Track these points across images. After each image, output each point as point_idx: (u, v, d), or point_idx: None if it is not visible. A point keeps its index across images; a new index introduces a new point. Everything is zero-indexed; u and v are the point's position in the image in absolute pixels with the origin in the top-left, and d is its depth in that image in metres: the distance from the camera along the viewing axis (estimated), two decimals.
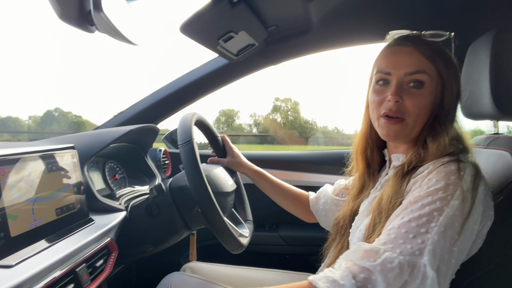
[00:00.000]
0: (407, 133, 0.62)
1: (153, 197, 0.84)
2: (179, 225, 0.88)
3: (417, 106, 0.59)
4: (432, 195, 0.52)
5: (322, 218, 0.93)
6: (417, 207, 0.52)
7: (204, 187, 0.75)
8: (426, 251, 0.48)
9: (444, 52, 0.63)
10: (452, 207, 0.50)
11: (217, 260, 1.07)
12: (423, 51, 0.60)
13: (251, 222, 1.00)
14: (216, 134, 1.06)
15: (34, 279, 0.50)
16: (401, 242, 0.50)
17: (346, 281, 0.49)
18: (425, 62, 0.60)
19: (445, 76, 0.61)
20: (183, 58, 9.68)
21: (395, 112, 0.60)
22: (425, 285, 0.47)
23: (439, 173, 0.54)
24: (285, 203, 1.01)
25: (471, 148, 0.62)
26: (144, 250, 0.87)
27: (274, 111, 5.92)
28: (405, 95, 0.60)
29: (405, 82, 0.60)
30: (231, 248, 0.80)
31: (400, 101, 0.60)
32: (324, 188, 0.96)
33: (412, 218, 0.51)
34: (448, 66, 0.62)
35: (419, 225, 0.50)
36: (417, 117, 0.60)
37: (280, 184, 1.02)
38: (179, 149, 0.78)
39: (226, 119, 5.68)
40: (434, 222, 0.50)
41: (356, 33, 1.10)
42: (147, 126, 1.04)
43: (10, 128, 4.51)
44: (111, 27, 0.58)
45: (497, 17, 0.94)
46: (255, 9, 0.83)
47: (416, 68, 0.59)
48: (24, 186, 0.59)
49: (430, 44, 0.62)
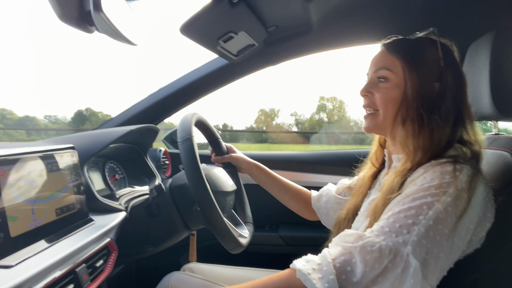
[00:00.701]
0: (379, 124, 0.67)
1: (153, 197, 0.84)
2: (179, 226, 0.88)
3: (382, 98, 0.65)
4: (425, 190, 0.52)
5: (323, 216, 0.93)
6: (408, 200, 0.53)
7: (203, 185, 0.75)
8: (410, 241, 0.49)
9: (414, 47, 0.65)
10: (444, 203, 0.51)
11: (217, 261, 1.07)
12: (390, 48, 0.66)
13: (251, 224, 1.00)
14: (216, 135, 1.06)
15: (34, 279, 0.50)
16: (387, 230, 0.51)
17: (323, 260, 0.51)
18: (390, 58, 0.65)
19: (409, 70, 0.63)
20: (183, 59, 9.62)
21: (366, 106, 0.68)
22: (407, 274, 0.47)
23: (434, 172, 0.54)
24: (285, 198, 1.02)
25: (480, 155, 0.61)
26: (144, 251, 0.87)
27: (320, 110, 5.86)
28: (374, 90, 0.67)
29: (376, 79, 0.67)
30: (230, 248, 0.80)
31: (369, 95, 0.67)
32: (327, 187, 0.96)
33: (402, 210, 0.52)
34: (417, 60, 0.63)
35: (407, 216, 0.51)
36: (385, 108, 0.65)
37: (280, 179, 1.02)
38: (178, 146, 0.78)
39: (265, 118, 5.63)
40: (422, 215, 0.50)
41: (356, 33, 1.10)
42: (147, 126, 1.04)
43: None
44: (111, 28, 0.59)
45: (497, 17, 0.94)
46: (255, 10, 0.83)
47: (380, 65, 0.66)
48: (24, 186, 0.59)
49: (400, 41, 0.67)
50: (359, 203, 0.74)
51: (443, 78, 0.62)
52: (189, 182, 0.76)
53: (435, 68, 0.63)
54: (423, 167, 0.58)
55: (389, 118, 0.65)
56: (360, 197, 0.76)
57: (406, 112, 0.62)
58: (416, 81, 0.62)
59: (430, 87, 0.62)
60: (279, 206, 1.08)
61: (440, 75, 0.63)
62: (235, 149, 1.07)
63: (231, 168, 1.05)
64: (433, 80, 0.63)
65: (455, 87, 0.63)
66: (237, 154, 1.05)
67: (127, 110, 1.32)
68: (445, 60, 0.63)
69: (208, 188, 0.75)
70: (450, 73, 0.63)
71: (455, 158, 0.57)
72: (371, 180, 0.77)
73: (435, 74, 0.63)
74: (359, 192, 0.78)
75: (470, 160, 0.58)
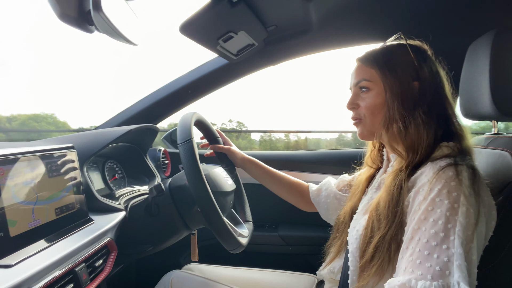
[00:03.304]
0: (369, 129, 0.69)
1: (152, 197, 0.84)
2: (178, 225, 0.88)
3: (367, 107, 0.68)
4: (439, 207, 0.51)
5: (323, 210, 0.94)
6: (429, 224, 0.51)
7: (203, 186, 0.75)
8: (454, 268, 0.47)
9: (385, 54, 0.68)
10: (463, 215, 0.50)
11: (217, 260, 1.07)
12: (364, 61, 0.69)
13: (251, 223, 1.00)
14: (216, 134, 1.06)
15: (33, 278, 0.50)
16: (428, 266, 0.49)
17: None
18: (367, 69, 0.68)
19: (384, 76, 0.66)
20: (182, 59, 9.41)
21: (353, 117, 0.72)
22: None
23: (438, 181, 0.54)
24: (281, 191, 1.03)
25: (471, 149, 0.62)
26: (144, 250, 0.87)
27: None
28: (358, 101, 0.70)
29: (358, 90, 0.70)
30: (230, 248, 0.80)
31: (356, 107, 0.70)
32: (327, 181, 0.97)
33: (430, 238, 0.50)
34: (390, 65, 0.66)
35: (439, 243, 0.50)
36: (371, 115, 0.68)
37: (275, 172, 1.04)
38: (178, 148, 0.78)
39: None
40: (451, 235, 0.49)
41: (355, 33, 1.10)
42: (147, 126, 1.04)
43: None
44: (110, 27, 0.59)
45: (497, 17, 0.94)
46: (255, 9, 0.83)
47: (359, 77, 0.69)
48: (23, 186, 0.59)
49: (372, 52, 0.70)
50: (356, 204, 0.75)
51: (420, 76, 0.65)
52: (190, 184, 0.76)
53: (409, 69, 0.65)
54: (420, 170, 0.58)
55: (377, 122, 0.68)
56: (357, 198, 0.76)
57: (390, 114, 0.64)
58: (393, 84, 0.65)
59: (408, 87, 0.64)
60: (279, 206, 1.08)
61: (416, 74, 0.65)
62: (231, 143, 1.09)
63: (230, 166, 1.06)
64: (410, 80, 0.65)
65: (434, 82, 0.65)
66: (233, 147, 1.07)
67: (127, 110, 1.31)
68: (418, 59, 0.65)
69: (208, 189, 0.75)
70: (426, 70, 0.65)
71: (453, 159, 0.57)
72: (368, 181, 0.78)
73: (411, 74, 0.65)
74: (356, 193, 0.78)
75: (465, 157, 0.59)
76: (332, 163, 1.36)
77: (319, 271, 0.82)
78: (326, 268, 0.78)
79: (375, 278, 0.58)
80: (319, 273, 0.82)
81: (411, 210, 0.56)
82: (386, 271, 0.57)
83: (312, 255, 1.30)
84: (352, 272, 0.62)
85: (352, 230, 0.66)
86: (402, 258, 0.54)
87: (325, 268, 0.79)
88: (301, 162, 1.39)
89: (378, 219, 0.60)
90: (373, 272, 0.57)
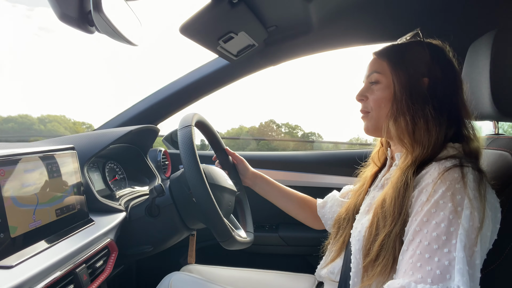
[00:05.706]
0: (375, 124, 0.70)
1: (153, 197, 0.84)
2: (178, 226, 0.88)
3: (375, 99, 0.69)
4: (443, 209, 0.51)
5: (328, 221, 0.93)
6: (431, 227, 0.51)
7: (197, 168, 0.74)
8: (455, 272, 0.47)
9: (400, 49, 0.69)
10: (466, 218, 0.50)
11: (217, 261, 1.07)
12: (378, 54, 0.71)
13: (252, 234, 0.98)
14: (216, 134, 1.06)
15: (34, 279, 0.50)
16: (428, 269, 0.48)
17: None
18: (380, 62, 0.69)
19: (395, 69, 0.67)
20: (183, 59, 9.54)
21: (361, 110, 0.72)
22: None
23: (443, 183, 0.53)
24: (290, 207, 1.02)
25: (479, 152, 0.61)
26: (144, 251, 0.87)
27: None
28: (367, 93, 0.71)
29: (368, 83, 0.71)
30: (222, 238, 0.77)
31: (364, 99, 0.71)
32: (332, 194, 0.97)
33: (431, 240, 0.50)
34: (402, 60, 0.66)
35: (440, 246, 0.49)
36: (378, 108, 0.69)
37: (285, 188, 1.03)
38: (177, 133, 0.79)
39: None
40: (453, 238, 0.49)
41: (356, 34, 1.10)
42: (147, 127, 1.04)
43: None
44: (111, 28, 0.58)
45: (497, 17, 0.93)
46: (255, 10, 0.83)
47: (371, 70, 0.70)
48: (24, 187, 0.59)
49: (387, 46, 0.71)
50: (359, 202, 0.74)
51: (432, 73, 0.65)
52: (184, 166, 0.75)
53: (421, 65, 0.65)
54: (426, 169, 0.58)
55: (383, 116, 0.68)
56: (361, 196, 0.76)
57: (397, 107, 0.65)
58: (402, 78, 0.65)
59: (417, 82, 0.64)
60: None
61: (427, 70, 0.65)
62: (240, 157, 1.06)
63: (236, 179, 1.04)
64: (419, 75, 0.65)
65: (447, 82, 0.64)
66: (241, 163, 1.05)
67: (127, 110, 1.32)
68: (432, 56, 0.65)
69: (202, 172, 0.74)
70: (440, 68, 0.65)
71: (459, 160, 0.56)
72: (372, 178, 0.78)
73: (421, 70, 0.65)
74: (359, 191, 0.78)
75: (471, 159, 0.58)
76: (333, 163, 1.36)
77: (318, 270, 0.81)
78: (326, 268, 0.77)
79: (380, 278, 0.56)
80: (317, 273, 0.81)
81: (413, 211, 0.55)
82: (391, 270, 0.56)
83: (312, 255, 1.29)
84: (354, 274, 0.61)
85: (354, 231, 0.65)
86: (402, 259, 0.53)
87: (325, 268, 0.77)
88: (303, 162, 1.39)
89: (383, 216, 0.59)
90: (378, 272, 0.56)
